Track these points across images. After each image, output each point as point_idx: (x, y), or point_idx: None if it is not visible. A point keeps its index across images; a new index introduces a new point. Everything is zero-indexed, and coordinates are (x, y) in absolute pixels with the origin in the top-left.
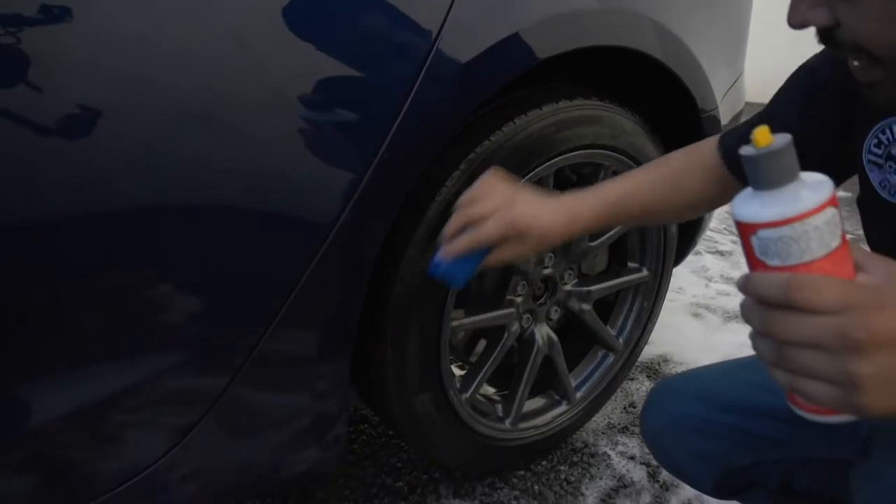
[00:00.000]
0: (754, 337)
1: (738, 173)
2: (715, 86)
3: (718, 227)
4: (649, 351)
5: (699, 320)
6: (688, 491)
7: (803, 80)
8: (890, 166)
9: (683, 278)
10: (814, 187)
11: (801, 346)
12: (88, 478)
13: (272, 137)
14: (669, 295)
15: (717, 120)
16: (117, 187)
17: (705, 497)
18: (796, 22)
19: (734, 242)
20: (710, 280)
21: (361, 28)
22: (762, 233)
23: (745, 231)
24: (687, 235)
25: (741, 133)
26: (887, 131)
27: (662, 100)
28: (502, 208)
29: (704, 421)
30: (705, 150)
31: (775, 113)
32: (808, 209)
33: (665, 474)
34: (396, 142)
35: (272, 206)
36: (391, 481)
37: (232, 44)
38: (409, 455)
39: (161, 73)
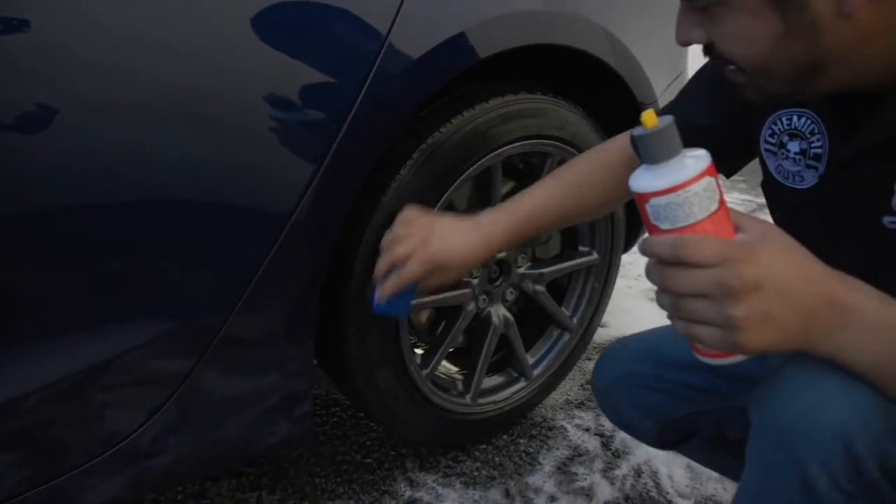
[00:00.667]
0: (657, 293)
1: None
2: (654, 81)
3: None
4: (608, 333)
5: (655, 304)
6: (637, 457)
7: (708, 77)
8: (783, 153)
9: (642, 265)
10: (693, 160)
11: (690, 296)
12: (67, 450)
13: (233, 131)
14: (628, 282)
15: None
16: (83, 178)
17: (654, 461)
18: (682, 40)
19: None
20: None
21: (317, 29)
22: (653, 200)
23: (641, 200)
24: (636, 221)
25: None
26: (779, 122)
27: (605, 93)
28: (420, 248)
29: (649, 376)
30: (612, 149)
31: (685, 105)
32: (689, 178)
33: (617, 442)
34: (351, 133)
35: (235, 196)
36: (360, 458)
37: (197, 44)
38: (377, 434)
39: (125, 68)
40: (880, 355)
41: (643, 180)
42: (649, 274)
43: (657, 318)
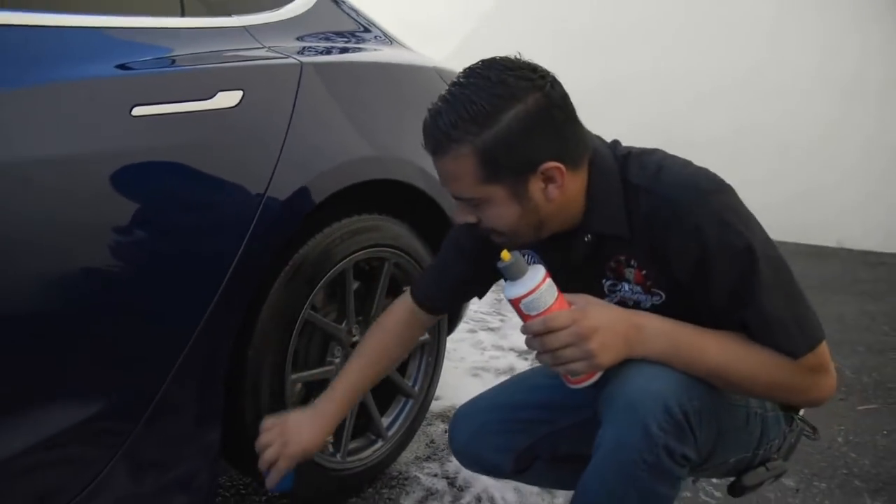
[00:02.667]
0: (538, 355)
1: (433, 311)
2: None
3: (489, 310)
4: (442, 403)
5: (478, 378)
6: (476, 488)
7: (454, 241)
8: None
9: (464, 350)
10: (535, 272)
11: (561, 348)
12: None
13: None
14: (454, 362)
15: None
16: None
17: (490, 489)
18: (459, 221)
19: (501, 321)
20: (484, 349)
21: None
22: (523, 301)
23: (516, 303)
24: (456, 310)
25: (425, 282)
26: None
27: (423, 212)
28: (283, 450)
29: (496, 422)
30: (398, 312)
31: (448, 260)
32: (538, 282)
33: (460, 480)
34: (243, 260)
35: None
36: None
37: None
38: (268, 501)
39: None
40: (666, 349)
41: (513, 290)
42: (531, 344)
43: (478, 389)
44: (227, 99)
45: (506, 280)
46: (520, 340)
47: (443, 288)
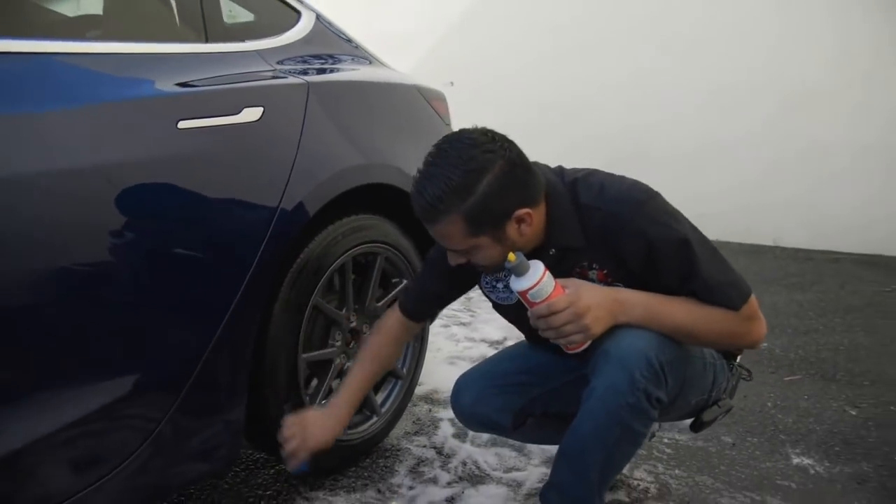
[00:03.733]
0: (542, 331)
1: (420, 320)
2: None
3: (460, 307)
4: (424, 388)
5: (454, 366)
6: (461, 455)
7: (432, 262)
8: (497, 289)
9: (440, 342)
10: (537, 267)
11: (563, 325)
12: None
13: (204, 246)
14: (431, 353)
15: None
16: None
17: (473, 455)
18: (453, 265)
19: (471, 316)
20: (458, 341)
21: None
22: (531, 291)
23: (524, 294)
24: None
25: (410, 297)
26: (488, 279)
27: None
28: (302, 444)
29: (492, 388)
30: (390, 322)
31: (428, 279)
32: (541, 275)
33: (446, 448)
34: (265, 256)
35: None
36: (261, 492)
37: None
38: (271, 474)
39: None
40: (643, 316)
41: (520, 284)
42: (537, 325)
43: (455, 375)
44: (251, 114)
45: (515, 274)
46: (488, 332)
47: (425, 302)
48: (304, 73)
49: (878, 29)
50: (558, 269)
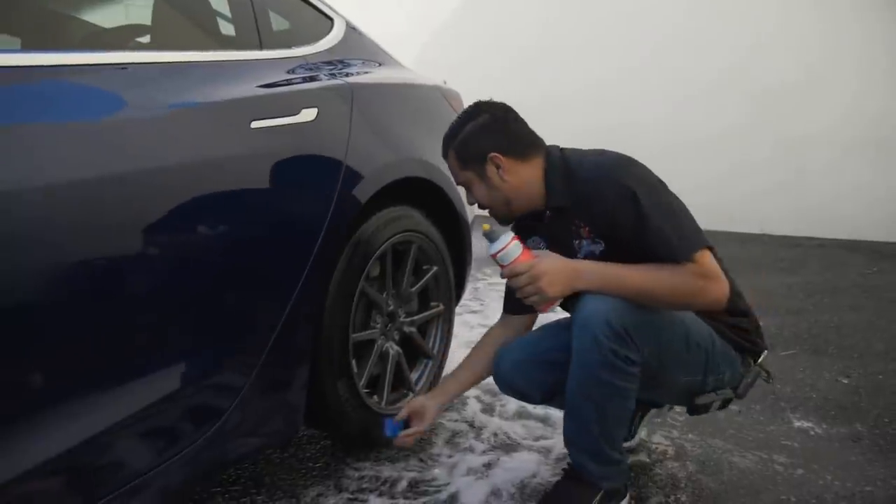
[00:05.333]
0: (515, 290)
1: (518, 312)
2: (462, 196)
3: (470, 297)
4: (448, 370)
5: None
6: (491, 427)
7: None
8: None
9: (456, 329)
10: (507, 236)
11: (523, 286)
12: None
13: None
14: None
15: (465, 217)
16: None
17: (503, 426)
18: (469, 204)
19: (481, 305)
20: (472, 327)
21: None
22: (499, 255)
23: (494, 256)
24: (459, 279)
25: (506, 295)
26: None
27: (439, 202)
28: (419, 425)
29: (527, 362)
30: (491, 331)
31: None
32: (507, 243)
33: (477, 421)
34: (324, 243)
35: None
36: (311, 464)
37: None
38: (316, 449)
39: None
40: (598, 282)
41: (492, 248)
42: (509, 283)
43: None
44: (308, 115)
45: (489, 241)
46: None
47: (512, 294)
48: (347, 75)
49: (867, 27)
50: (557, 227)
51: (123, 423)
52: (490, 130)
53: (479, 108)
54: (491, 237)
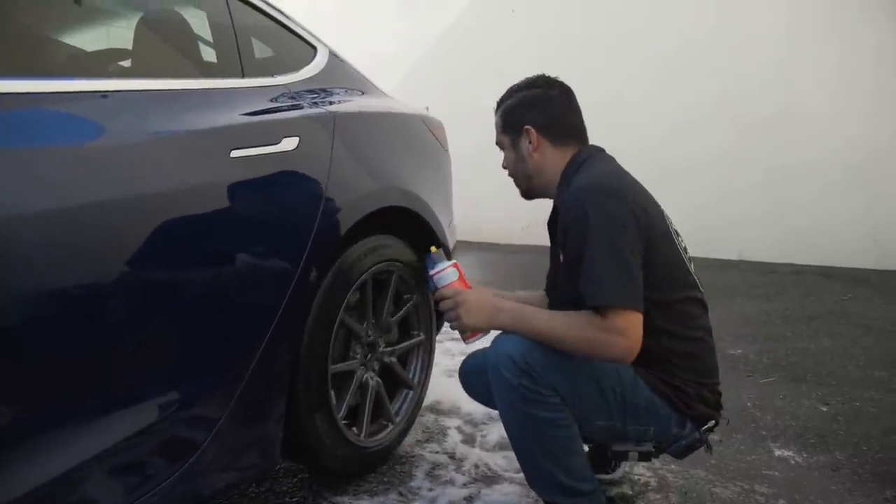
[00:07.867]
0: (444, 314)
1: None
2: (443, 223)
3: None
4: (428, 400)
5: (452, 378)
6: (472, 459)
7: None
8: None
9: (437, 357)
10: (444, 263)
11: (448, 310)
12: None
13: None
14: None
15: (447, 246)
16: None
17: (484, 458)
18: (503, 166)
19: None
20: (453, 355)
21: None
22: (435, 276)
23: (431, 275)
24: (440, 315)
25: (548, 277)
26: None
27: (420, 230)
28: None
29: (482, 370)
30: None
31: (551, 257)
32: (443, 268)
33: (458, 453)
34: (303, 273)
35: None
36: (288, 499)
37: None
38: (294, 482)
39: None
40: (510, 323)
41: (432, 269)
42: (440, 307)
43: (454, 387)
44: (290, 143)
45: (428, 264)
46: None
47: (551, 275)
48: (329, 104)
49: (845, 60)
50: (558, 226)
51: (96, 458)
52: (536, 105)
53: (539, 81)
54: (434, 258)
